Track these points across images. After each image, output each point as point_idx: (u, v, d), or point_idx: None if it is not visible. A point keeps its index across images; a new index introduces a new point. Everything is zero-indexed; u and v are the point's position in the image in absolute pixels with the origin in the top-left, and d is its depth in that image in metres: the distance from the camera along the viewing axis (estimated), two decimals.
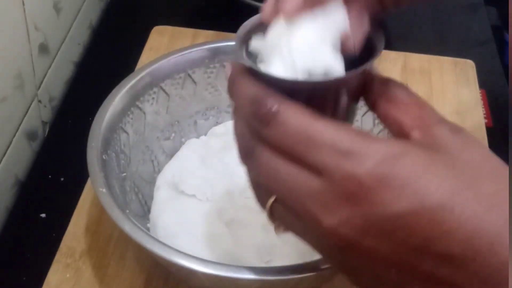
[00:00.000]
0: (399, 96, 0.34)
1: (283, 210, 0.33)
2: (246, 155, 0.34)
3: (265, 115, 0.32)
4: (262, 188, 0.34)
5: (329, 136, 0.31)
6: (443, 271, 0.29)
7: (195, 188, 0.56)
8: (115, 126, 0.55)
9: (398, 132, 0.33)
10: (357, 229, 0.30)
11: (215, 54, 0.61)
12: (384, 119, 0.34)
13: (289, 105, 0.32)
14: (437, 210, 0.28)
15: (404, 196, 0.29)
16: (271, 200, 0.33)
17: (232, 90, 0.35)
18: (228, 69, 0.36)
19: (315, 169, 0.31)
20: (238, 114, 0.36)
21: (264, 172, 0.33)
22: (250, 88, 0.34)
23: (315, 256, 0.40)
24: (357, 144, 0.30)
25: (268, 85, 0.33)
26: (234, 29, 0.86)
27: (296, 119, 0.31)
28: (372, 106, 0.35)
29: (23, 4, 0.63)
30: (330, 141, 0.30)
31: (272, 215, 0.34)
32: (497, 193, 0.29)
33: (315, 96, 0.33)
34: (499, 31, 0.90)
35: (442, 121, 0.33)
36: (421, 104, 0.33)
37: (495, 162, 0.31)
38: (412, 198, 0.29)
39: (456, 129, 0.32)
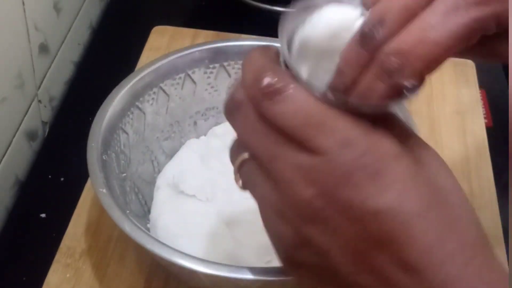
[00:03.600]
0: None
1: (255, 169, 0.33)
2: (235, 107, 0.33)
3: (274, 88, 0.31)
4: (241, 143, 0.34)
5: (340, 126, 0.31)
6: (393, 272, 0.30)
7: (195, 188, 0.56)
8: (115, 126, 0.55)
9: None
10: (333, 205, 0.30)
11: (215, 54, 0.61)
12: None
13: (302, 87, 0.31)
14: (412, 216, 0.30)
15: (390, 194, 0.30)
16: (245, 155, 0.34)
17: (246, 59, 0.33)
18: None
19: (313, 150, 0.31)
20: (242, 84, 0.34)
21: (251, 130, 0.32)
22: (267, 60, 0.33)
23: None
24: (364, 138, 0.31)
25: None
26: (234, 29, 0.86)
27: (308, 102, 0.31)
28: None
29: (23, 4, 0.63)
30: (340, 130, 0.31)
31: (240, 169, 0.35)
32: (460, 219, 0.31)
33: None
34: None
35: (425, 144, 0.34)
36: (404, 128, 0.35)
37: (462, 192, 0.33)
38: (395, 198, 0.30)
39: (436, 154, 0.34)
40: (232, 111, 0.34)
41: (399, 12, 0.32)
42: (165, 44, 0.77)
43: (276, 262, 0.51)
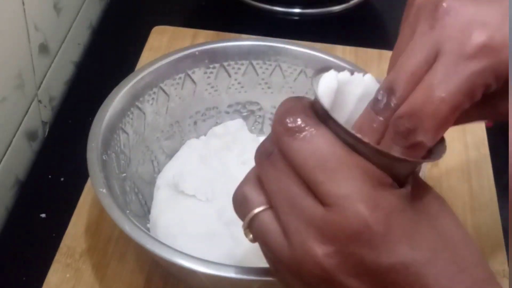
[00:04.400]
0: None
1: (271, 222, 0.33)
2: (264, 154, 0.34)
3: (297, 125, 0.32)
4: (257, 192, 0.34)
5: (353, 175, 0.31)
6: None
7: (195, 188, 0.56)
8: (115, 126, 0.55)
9: None
10: (346, 265, 0.31)
11: (215, 54, 0.61)
12: None
13: (326, 131, 0.32)
14: (423, 265, 0.31)
15: (400, 248, 0.31)
16: (261, 208, 0.34)
17: (280, 104, 0.34)
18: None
19: (325, 199, 0.31)
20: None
21: (276, 177, 0.33)
22: (298, 103, 0.34)
23: None
24: (375, 191, 0.31)
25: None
26: (234, 29, 0.86)
27: (327, 145, 0.32)
28: None
29: (23, 4, 0.63)
30: (353, 179, 0.31)
31: (252, 222, 0.34)
32: (467, 259, 0.32)
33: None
34: None
35: (426, 184, 0.35)
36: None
37: (463, 230, 0.34)
38: (406, 251, 0.31)
39: (436, 194, 0.35)
40: (261, 157, 0.35)
41: (406, 79, 0.34)
42: (165, 44, 0.77)
43: None
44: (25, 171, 0.67)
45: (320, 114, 0.33)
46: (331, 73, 0.35)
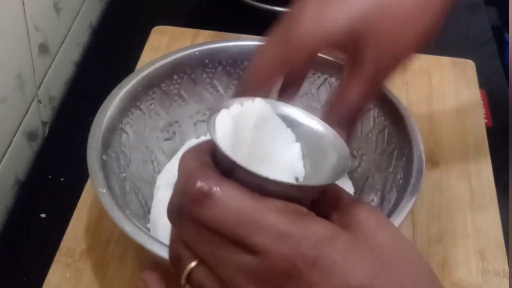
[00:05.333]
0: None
1: (207, 275, 0.33)
2: (175, 214, 0.34)
3: (201, 192, 0.31)
4: (186, 248, 0.34)
5: (270, 221, 0.31)
6: None
7: None
8: (115, 126, 0.55)
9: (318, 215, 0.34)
10: None
11: (215, 54, 0.61)
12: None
13: (230, 186, 0.32)
14: None
15: (332, 277, 0.30)
16: (194, 263, 0.33)
17: (179, 163, 0.34)
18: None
19: (252, 249, 0.31)
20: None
21: (195, 236, 0.33)
22: (196, 163, 0.33)
23: None
24: (295, 227, 0.31)
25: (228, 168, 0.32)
26: (234, 29, 0.86)
27: (235, 201, 0.31)
28: None
29: (23, 4, 0.63)
30: (270, 224, 0.31)
31: (191, 278, 0.34)
32: (406, 276, 0.32)
33: (275, 194, 0.32)
34: (499, 31, 0.90)
35: (358, 202, 0.34)
36: (336, 188, 0.35)
37: (404, 244, 0.33)
38: (339, 279, 0.30)
39: (371, 210, 0.34)
40: (173, 218, 0.34)
41: None
42: (165, 44, 0.77)
43: None
44: (25, 171, 0.67)
45: (223, 162, 0.32)
46: (223, 113, 0.35)
